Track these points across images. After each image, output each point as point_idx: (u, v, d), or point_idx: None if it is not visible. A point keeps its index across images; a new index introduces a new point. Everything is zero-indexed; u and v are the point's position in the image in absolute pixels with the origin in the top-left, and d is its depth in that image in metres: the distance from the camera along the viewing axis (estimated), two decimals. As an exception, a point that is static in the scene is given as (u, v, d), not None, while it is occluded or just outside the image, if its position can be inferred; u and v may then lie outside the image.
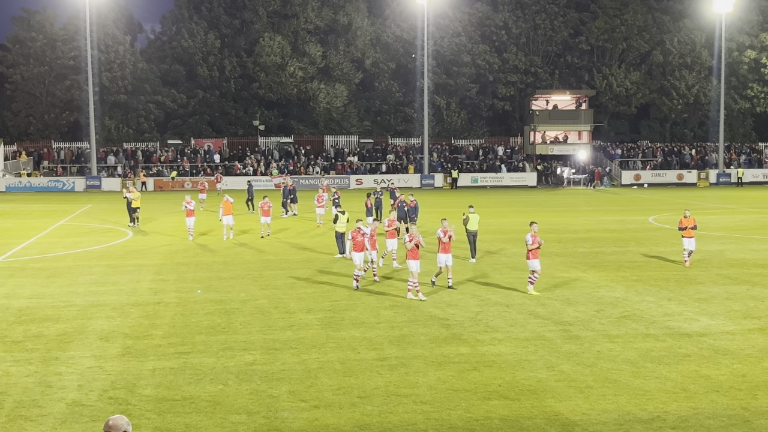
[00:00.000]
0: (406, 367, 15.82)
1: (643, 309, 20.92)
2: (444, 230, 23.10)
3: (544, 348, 17.17)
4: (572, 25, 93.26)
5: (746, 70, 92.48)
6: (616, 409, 13.40)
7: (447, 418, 13.06)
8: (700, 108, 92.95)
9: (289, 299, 22.46)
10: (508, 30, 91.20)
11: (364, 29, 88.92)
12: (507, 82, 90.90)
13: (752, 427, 12.56)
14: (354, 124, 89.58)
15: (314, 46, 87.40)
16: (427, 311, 20.79)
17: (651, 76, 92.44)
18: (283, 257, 30.69)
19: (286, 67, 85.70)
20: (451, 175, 78.38)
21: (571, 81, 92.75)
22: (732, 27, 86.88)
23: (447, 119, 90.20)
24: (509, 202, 59.13)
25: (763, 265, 28.02)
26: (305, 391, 14.40)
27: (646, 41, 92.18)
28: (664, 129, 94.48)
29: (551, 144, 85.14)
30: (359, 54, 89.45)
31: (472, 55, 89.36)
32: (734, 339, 17.84)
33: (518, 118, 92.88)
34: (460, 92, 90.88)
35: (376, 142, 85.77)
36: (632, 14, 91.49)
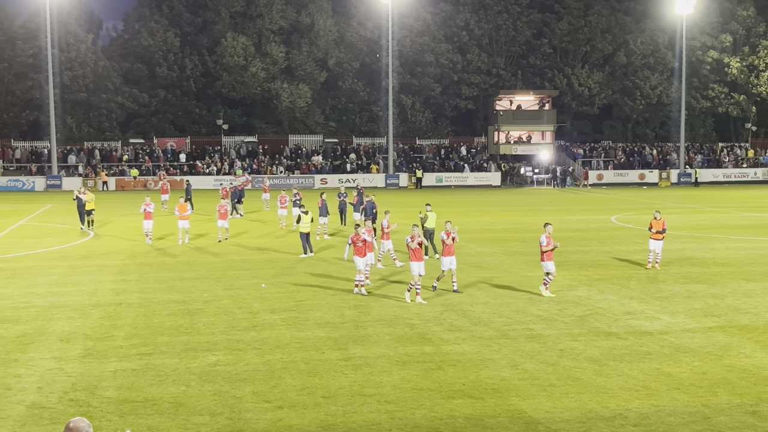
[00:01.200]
0: (371, 366, 15.81)
1: (606, 308, 21.11)
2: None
3: (507, 347, 17.25)
4: (535, 26, 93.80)
5: (708, 71, 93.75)
6: (578, 407, 13.50)
7: (411, 418, 13.07)
8: (661, 108, 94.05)
9: (252, 299, 22.35)
10: (470, 31, 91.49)
11: (328, 29, 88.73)
12: (470, 83, 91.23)
13: (712, 424, 12.72)
14: (319, 124, 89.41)
15: (277, 47, 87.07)
16: (391, 311, 20.79)
17: (614, 77, 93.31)
18: (246, 257, 30.54)
19: (249, 67, 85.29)
20: (415, 175, 78.52)
21: (535, 81, 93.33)
22: (694, 28, 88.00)
23: (411, 119, 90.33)
24: (473, 202, 59.36)
25: (722, 263, 28.41)
26: (269, 391, 14.34)
27: (609, 42, 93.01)
28: (627, 129, 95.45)
29: (515, 144, 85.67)
30: (323, 54, 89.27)
31: (436, 55, 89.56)
32: (695, 337, 18.06)
33: (482, 118, 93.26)
34: (425, 92, 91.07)
35: (341, 142, 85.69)
36: (596, 16, 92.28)
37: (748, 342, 17.59)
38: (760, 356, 16.46)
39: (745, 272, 26.65)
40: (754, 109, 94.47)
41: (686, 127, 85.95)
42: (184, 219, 34.14)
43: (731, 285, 24.22)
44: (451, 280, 23.27)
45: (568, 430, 12.56)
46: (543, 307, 21.08)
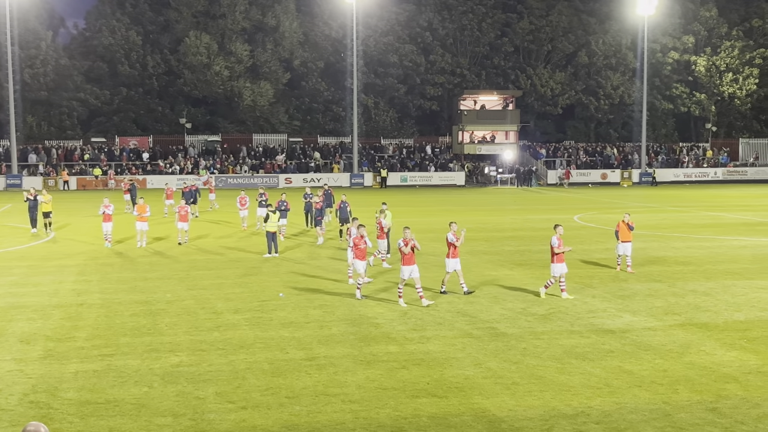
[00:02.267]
0: (335, 366, 15.78)
1: (568, 306, 21.27)
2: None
3: (471, 345, 17.31)
4: (499, 27, 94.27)
5: (669, 71, 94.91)
6: (541, 405, 13.59)
7: (376, 417, 13.07)
8: (624, 108, 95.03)
9: (216, 299, 22.21)
10: (434, 31, 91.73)
11: (293, 30, 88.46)
12: (435, 83, 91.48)
13: (673, 421, 12.86)
14: (283, 123, 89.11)
15: (241, 46, 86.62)
16: (356, 310, 20.78)
17: (576, 77, 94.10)
18: (210, 258, 30.35)
19: (212, 65, 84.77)
20: (380, 175, 78.57)
21: (499, 81, 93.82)
22: (655, 29, 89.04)
23: (376, 118, 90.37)
24: (438, 201, 59.52)
25: (683, 262, 28.75)
26: (233, 392, 14.26)
27: (571, 42, 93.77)
28: (589, 129, 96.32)
29: (479, 144, 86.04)
30: (287, 54, 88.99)
31: (400, 55, 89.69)
32: (656, 335, 18.26)
33: (447, 118, 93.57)
34: (389, 92, 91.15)
35: (305, 141, 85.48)
36: (558, 16, 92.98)
37: (708, 340, 17.82)
38: (720, 354, 16.69)
39: (705, 271, 27.00)
40: (714, 109, 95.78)
41: (648, 127, 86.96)
42: (142, 221, 32.70)
43: (692, 284, 24.52)
44: (459, 282, 22.76)
45: (532, 428, 12.63)
46: (507, 306, 21.19)
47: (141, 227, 32.83)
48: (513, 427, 12.65)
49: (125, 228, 37.13)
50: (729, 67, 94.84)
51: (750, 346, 17.28)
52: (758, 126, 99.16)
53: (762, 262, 28.69)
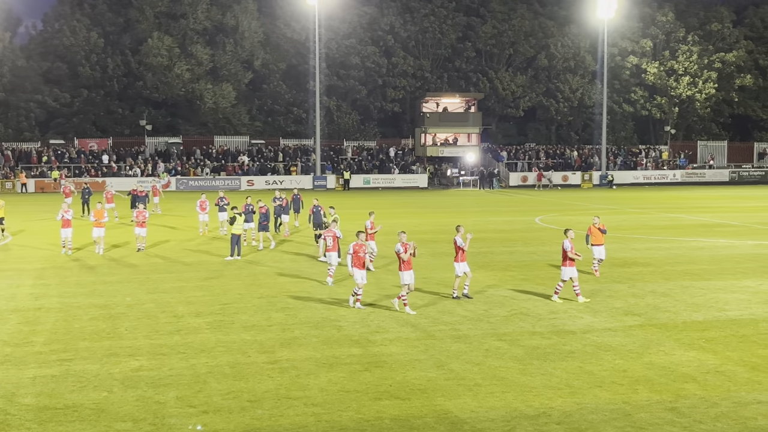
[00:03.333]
0: (298, 369, 15.73)
1: (530, 307, 21.39)
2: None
3: (434, 347, 17.35)
4: (461, 30, 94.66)
5: (628, 75, 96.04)
6: (503, 406, 13.65)
7: (338, 420, 13.04)
8: (584, 111, 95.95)
9: (177, 303, 22.02)
10: (396, 34, 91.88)
11: (253, 30, 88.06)
12: (396, 86, 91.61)
13: (633, 421, 12.99)
14: (245, 125, 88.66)
15: (202, 47, 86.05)
16: (319, 313, 20.73)
17: (537, 80, 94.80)
18: (171, 261, 30.06)
19: (174, 67, 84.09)
20: (343, 177, 78.48)
21: (460, 84, 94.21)
22: (615, 33, 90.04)
23: (338, 121, 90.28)
24: (401, 204, 59.60)
25: (643, 263, 29.06)
26: (194, 396, 14.14)
27: (532, 46, 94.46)
28: (550, 132, 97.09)
29: (441, 146, 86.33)
30: (248, 55, 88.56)
31: (362, 58, 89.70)
32: (616, 335, 18.43)
33: (409, 120, 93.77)
34: (351, 94, 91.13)
35: (267, 143, 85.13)
36: (519, 19, 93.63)
37: (668, 340, 18.02)
38: (679, 353, 16.89)
39: (664, 272, 27.32)
40: (677, 110, 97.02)
41: (608, 130, 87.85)
42: (100, 227, 31.26)
43: (651, 284, 24.79)
44: (464, 283, 22.60)
45: (493, 429, 12.68)
46: (469, 308, 21.26)
47: (98, 233, 31.35)
48: (475, 429, 12.69)
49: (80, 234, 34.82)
50: (687, 71, 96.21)
51: (708, 346, 17.52)
52: (717, 129, 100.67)
53: (720, 263, 29.10)
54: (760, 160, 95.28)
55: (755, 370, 15.71)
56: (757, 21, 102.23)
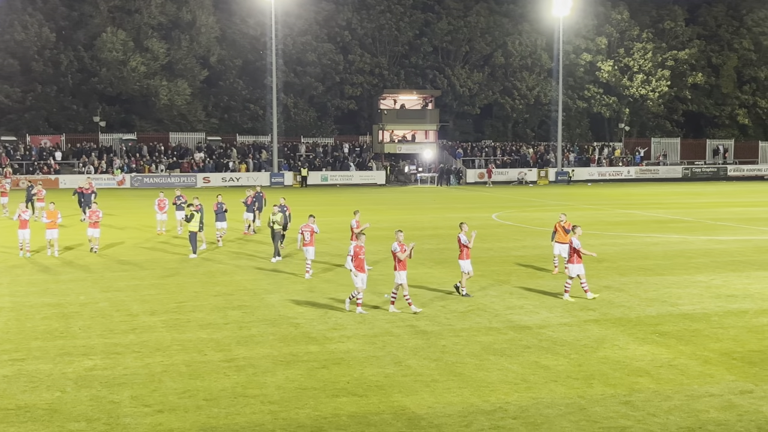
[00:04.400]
0: (254, 367, 15.64)
1: (487, 303, 21.51)
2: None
3: (391, 344, 17.37)
4: (417, 26, 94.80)
5: (583, 72, 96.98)
6: (460, 402, 13.71)
7: (295, 417, 13.00)
8: (540, 108, 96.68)
9: (131, 301, 21.78)
10: (352, 30, 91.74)
11: (210, 26, 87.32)
12: (354, 83, 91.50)
13: (588, 415, 13.12)
14: (201, 121, 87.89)
15: (157, 42, 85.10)
16: (276, 311, 20.64)
17: (494, 77, 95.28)
18: (126, 260, 29.70)
19: (128, 62, 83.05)
20: (300, 174, 78.20)
21: (417, 81, 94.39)
22: (569, 30, 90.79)
23: (295, 117, 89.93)
24: (359, 200, 59.52)
25: (597, 259, 29.29)
26: (149, 395, 14.00)
27: (488, 43, 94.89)
28: (507, 128, 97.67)
29: (399, 143, 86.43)
30: (204, 50, 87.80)
31: (318, 54, 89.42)
32: (571, 330, 18.61)
33: (367, 117, 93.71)
34: (308, 91, 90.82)
35: (223, 140, 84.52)
36: (475, 17, 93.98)
37: (622, 334, 18.24)
38: (633, 348, 17.10)
39: (618, 267, 27.66)
40: (627, 111, 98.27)
41: (563, 127, 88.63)
42: (53, 228, 29.80)
43: (605, 280, 25.07)
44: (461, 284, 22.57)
45: (450, 424, 12.73)
46: (426, 304, 21.31)
47: (51, 235, 29.90)
48: (432, 424, 12.73)
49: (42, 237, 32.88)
50: (641, 68, 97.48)
51: (661, 340, 17.76)
52: (670, 126, 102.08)
53: (672, 259, 29.53)
54: (714, 156, 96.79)
55: (707, 363, 15.96)
56: (710, 19, 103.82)
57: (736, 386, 14.53)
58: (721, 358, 16.34)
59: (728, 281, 24.76)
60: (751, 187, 77.45)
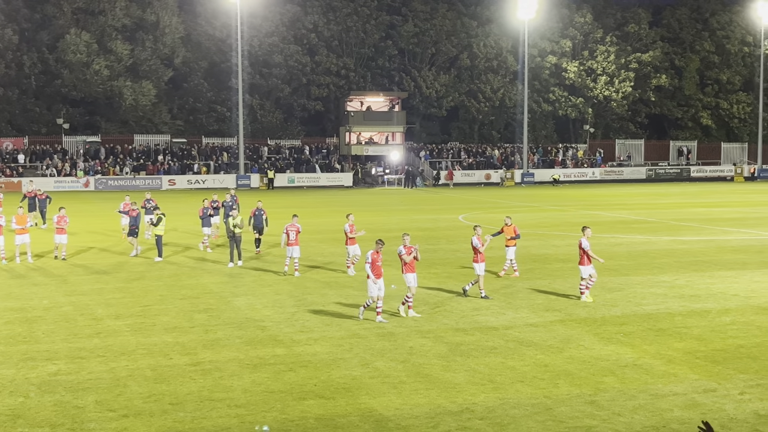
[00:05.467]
0: (221, 371, 15.55)
1: (454, 305, 21.58)
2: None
3: (358, 346, 17.36)
4: (384, 29, 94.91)
5: (548, 75, 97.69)
6: (427, 403, 13.73)
7: (262, 421, 12.94)
8: (505, 110, 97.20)
9: (96, 305, 21.56)
10: (319, 32, 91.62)
11: (174, 27, 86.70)
12: (320, 84, 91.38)
13: (554, 415, 13.21)
14: (166, 123, 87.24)
15: (121, 44, 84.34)
16: (242, 314, 20.54)
17: (460, 80, 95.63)
18: (90, 262, 29.39)
19: (92, 64, 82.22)
20: (267, 176, 77.91)
21: (384, 83, 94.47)
22: (535, 33, 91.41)
23: (261, 119, 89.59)
24: (326, 202, 59.47)
25: (563, 260, 29.57)
26: (113, 400, 13.87)
27: (454, 45, 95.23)
28: (473, 130, 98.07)
29: (366, 145, 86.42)
30: (169, 51, 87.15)
31: (285, 56, 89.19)
32: (537, 331, 18.72)
33: (334, 119, 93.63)
34: (274, 93, 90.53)
35: (189, 142, 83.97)
36: (441, 19, 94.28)
37: (587, 334, 18.39)
38: (598, 348, 17.24)
39: (583, 268, 27.82)
40: (591, 111, 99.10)
41: (529, 129, 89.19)
42: (23, 233, 28.84)
43: (571, 280, 25.22)
44: (479, 287, 22.51)
45: (418, 426, 12.75)
46: (394, 306, 21.31)
47: (22, 240, 28.86)
48: (399, 426, 12.74)
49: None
50: (605, 71, 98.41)
51: (626, 339, 17.93)
52: (634, 127, 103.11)
53: (637, 259, 29.82)
54: (678, 157, 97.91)
55: (671, 363, 16.14)
56: (674, 22, 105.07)
57: (700, 385, 14.70)
58: (685, 357, 16.52)
59: (691, 281, 25.05)
60: (713, 187, 78.51)
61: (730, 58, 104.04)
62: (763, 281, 25.05)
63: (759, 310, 20.95)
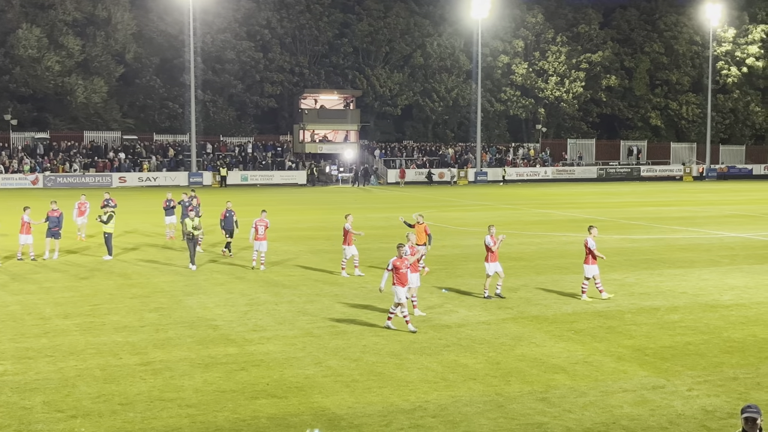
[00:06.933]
0: (171, 370, 15.39)
1: (407, 303, 21.55)
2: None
3: (312, 344, 17.30)
4: (337, 26, 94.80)
5: (500, 75, 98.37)
6: (380, 401, 13.73)
7: (213, 421, 12.83)
8: (459, 110, 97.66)
9: (44, 305, 21.20)
10: (272, 29, 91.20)
11: (126, 22, 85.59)
12: (274, 81, 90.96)
13: (505, 412, 13.29)
14: (117, 120, 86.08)
15: (73, 39, 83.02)
16: (194, 313, 20.35)
17: (414, 78, 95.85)
18: (38, 262, 28.86)
19: (43, 60, 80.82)
20: (219, 174, 77.31)
21: (338, 81, 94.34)
22: (488, 33, 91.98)
23: (214, 116, 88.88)
24: (279, 201, 59.19)
25: (515, 258, 29.78)
26: (62, 400, 13.64)
27: (408, 44, 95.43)
28: (427, 129, 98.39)
29: (320, 143, 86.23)
30: (120, 47, 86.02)
31: (237, 52, 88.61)
32: (490, 328, 18.83)
33: (288, 117, 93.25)
34: (227, 89, 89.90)
35: (140, 139, 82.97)
36: (395, 18, 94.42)
37: (539, 332, 18.54)
38: (549, 345, 17.39)
39: (536, 266, 28.11)
40: (543, 111, 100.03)
41: (482, 128, 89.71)
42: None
43: (523, 278, 25.45)
44: (496, 283, 22.41)
45: (370, 424, 12.74)
46: (348, 304, 21.30)
47: None
48: (352, 425, 12.72)
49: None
50: (556, 71, 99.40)
51: (577, 337, 18.11)
52: (585, 127, 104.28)
53: (588, 257, 30.11)
54: (628, 156, 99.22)
55: (621, 360, 16.34)
56: (624, 23, 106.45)
57: (649, 381, 14.91)
58: (634, 354, 16.74)
59: (641, 279, 25.40)
60: (663, 187, 79.74)
61: (679, 59, 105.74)
62: (711, 279, 25.50)
63: (706, 307, 21.32)
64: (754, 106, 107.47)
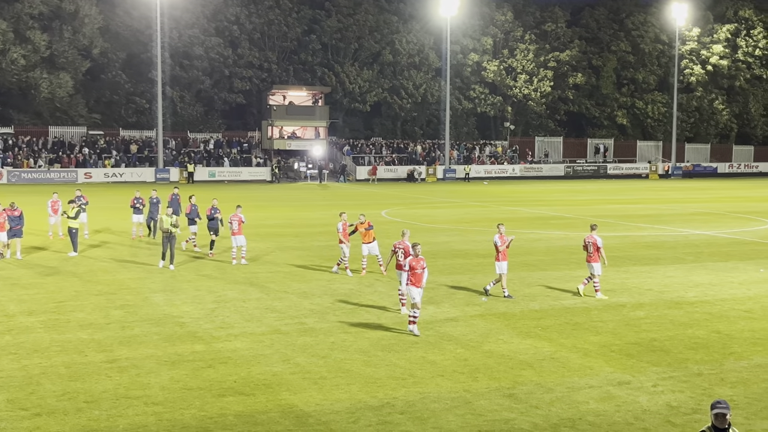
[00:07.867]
0: (138, 368, 15.27)
1: (375, 300, 21.61)
2: (501, 236, 21.06)
3: (280, 342, 17.25)
4: (306, 23, 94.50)
5: (469, 72, 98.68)
6: (348, 398, 13.73)
7: (180, 418, 12.75)
8: (428, 107, 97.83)
9: (7, 302, 20.93)
10: (241, 25, 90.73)
11: (92, 17, 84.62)
12: (242, 77, 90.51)
13: (473, 408, 13.34)
14: (82, 115, 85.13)
15: (39, 33, 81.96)
16: (160, 310, 20.21)
17: (383, 75, 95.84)
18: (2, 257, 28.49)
19: (8, 53, 79.70)
20: (186, 169, 76.77)
21: (307, 77, 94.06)
22: (457, 31, 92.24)
23: (181, 112, 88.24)
24: (247, 197, 58.81)
25: (483, 255, 29.88)
26: (26, 398, 13.48)
27: (377, 41, 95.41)
28: (396, 126, 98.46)
29: (288, 139, 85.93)
30: (87, 41, 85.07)
31: (206, 48, 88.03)
32: (458, 325, 18.89)
33: (256, 113, 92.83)
34: (195, 85, 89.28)
35: (106, 134, 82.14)
36: (364, 14, 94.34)
37: (506, 329, 18.63)
38: (516, 342, 17.49)
39: (503, 263, 28.18)
40: (510, 109, 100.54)
41: (451, 126, 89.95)
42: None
43: (491, 275, 25.52)
44: (502, 286, 22.14)
45: (338, 421, 12.73)
46: (315, 301, 21.27)
47: None
48: (320, 421, 12.70)
49: None
50: (524, 69, 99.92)
51: (544, 333, 18.23)
52: (553, 125, 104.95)
53: (555, 254, 30.36)
54: (595, 155, 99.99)
55: (587, 356, 16.47)
56: (592, 22, 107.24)
57: (614, 378, 15.04)
58: (600, 350, 16.88)
59: (607, 276, 25.57)
60: (629, 184, 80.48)
61: (645, 58, 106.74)
62: (676, 276, 25.78)
63: (671, 304, 21.55)
64: (718, 104, 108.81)
